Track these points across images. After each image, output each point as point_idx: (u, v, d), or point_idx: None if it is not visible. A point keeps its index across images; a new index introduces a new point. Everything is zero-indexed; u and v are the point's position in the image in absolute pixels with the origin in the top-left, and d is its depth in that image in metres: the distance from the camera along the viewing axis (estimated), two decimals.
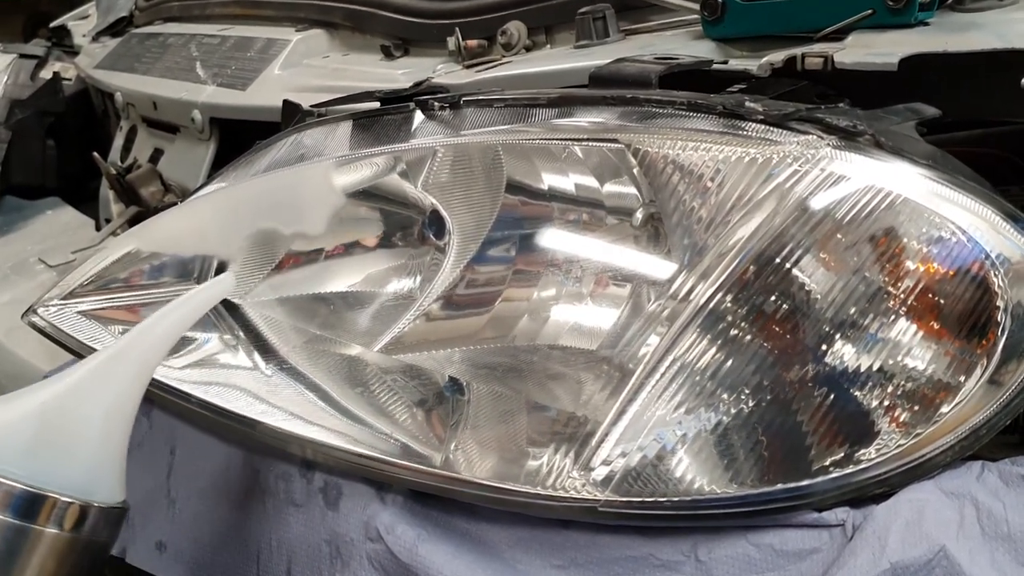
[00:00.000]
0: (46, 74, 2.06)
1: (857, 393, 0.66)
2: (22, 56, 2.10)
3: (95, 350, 0.91)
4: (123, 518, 0.69)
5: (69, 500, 0.65)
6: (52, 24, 2.41)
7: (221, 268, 0.99)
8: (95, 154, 1.59)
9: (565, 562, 0.69)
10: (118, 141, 1.72)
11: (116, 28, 2.02)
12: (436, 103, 0.85)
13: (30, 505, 0.63)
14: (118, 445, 0.68)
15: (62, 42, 2.27)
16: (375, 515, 0.74)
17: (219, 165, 1.32)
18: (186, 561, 0.87)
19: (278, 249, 0.96)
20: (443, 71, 1.16)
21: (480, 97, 0.84)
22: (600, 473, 0.68)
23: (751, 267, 0.68)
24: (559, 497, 0.68)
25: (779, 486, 0.65)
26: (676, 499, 0.66)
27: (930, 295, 0.66)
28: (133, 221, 1.51)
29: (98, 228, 1.69)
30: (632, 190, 0.76)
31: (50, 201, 1.91)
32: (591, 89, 0.84)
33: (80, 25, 2.29)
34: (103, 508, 0.67)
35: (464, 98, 0.84)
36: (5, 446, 0.64)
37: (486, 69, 1.10)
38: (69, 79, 2.05)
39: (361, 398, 0.85)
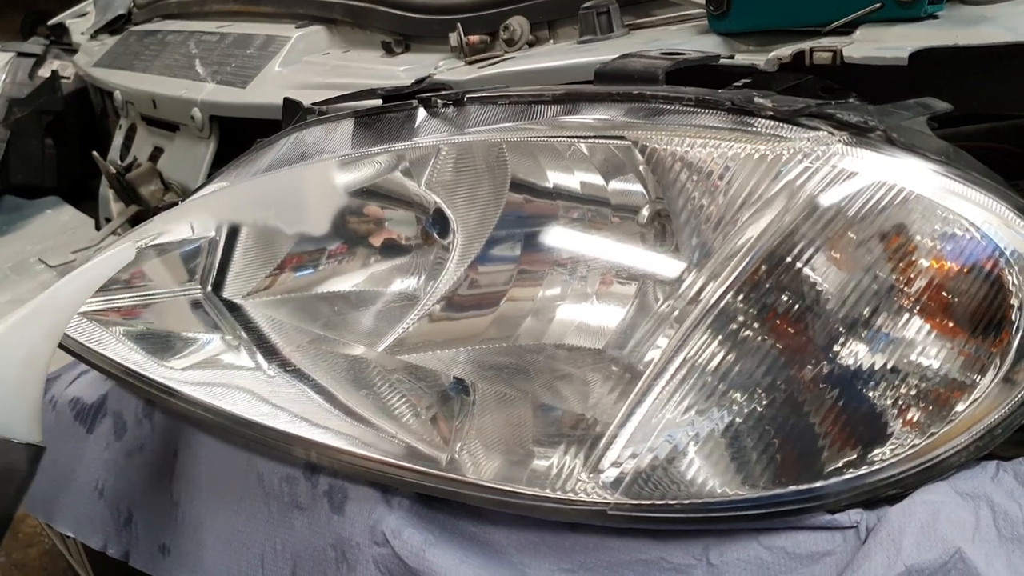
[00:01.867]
0: (44, 72, 2.05)
1: (870, 393, 0.65)
2: (20, 54, 2.09)
3: (96, 352, 0.91)
4: (39, 456, 0.76)
5: None
6: (50, 22, 2.40)
7: (223, 269, 0.98)
8: (94, 153, 1.59)
9: (574, 566, 0.68)
10: (117, 140, 1.72)
11: (115, 26, 2.01)
12: (440, 100, 0.84)
13: None
14: (34, 390, 0.76)
15: (60, 40, 2.26)
16: (381, 519, 0.73)
17: (219, 163, 1.31)
18: (190, 565, 0.86)
19: (280, 249, 0.95)
20: (445, 67, 1.15)
21: (484, 94, 0.83)
22: (610, 475, 0.67)
23: (762, 266, 0.67)
24: (568, 500, 0.68)
25: (791, 488, 0.64)
26: (687, 501, 0.65)
27: (943, 293, 0.65)
28: (133, 220, 1.50)
29: (98, 227, 1.69)
30: (638, 187, 0.75)
31: (50, 200, 1.90)
32: (597, 85, 0.83)
33: (78, 23, 2.28)
34: (20, 444, 0.75)
35: (468, 95, 0.83)
36: None
37: (489, 65, 1.09)
38: (68, 77, 2.04)
39: (366, 399, 0.84)
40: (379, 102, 0.94)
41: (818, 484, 0.64)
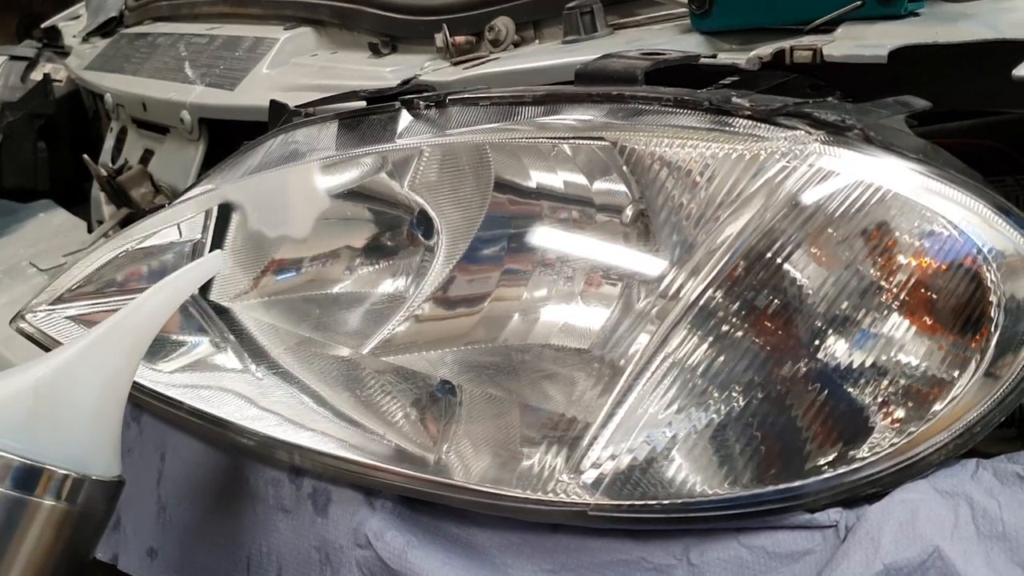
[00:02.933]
0: (36, 76, 2.05)
1: (850, 390, 0.66)
2: (12, 58, 2.09)
3: None
4: (119, 492, 0.70)
5: (65, 472, 0.66)
6: (43, 25, 2.39)
7: None
8: (85, 156, 1.59)
9: (556, 566, 0.68)
10: (109, 142, 1.72)
11: (106, 28, 2.01)
12: (421, 102, 0.84)
13: (28, 477, 0.65)
14: (112, 420, 0.69)
15: (53, 43, 2.26)
16: (364, 521, 0.73)
17: (209, 165, 1.31)
18: (177, 568, 0.87)
19: (267, 251, 0.95)
20: (431, 68, 1.15)
21: (466, 95, 0.83)
22: (590, 476, 0.68)
23: (741, 263, 0.67)
24: (549, 501, 0.68)
25: (771, 487, 0.64)
26: (667, 501, 0.66)
27: (923, 290, 0.65)
28: (124, 223, 1.50)
29: (90, 230, 1.69)
30: (622, 187, 0.75)
31: (42, 204, 1.90)
32: (577, 86, 0.83)
33: (71, 26, 2.27)
34: (99, 481, 0.68)
35: (449, 97, 0.83)
36: (1, 420, 0.66)
37: (474, 66, 1.09)
38: (60, 80, 2.04)
39: (354, 400, 0.84)
40: (363, 104, 0.94)
41: (798, 483, 0.64)
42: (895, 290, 0.65)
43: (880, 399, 0.65)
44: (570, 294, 0.77)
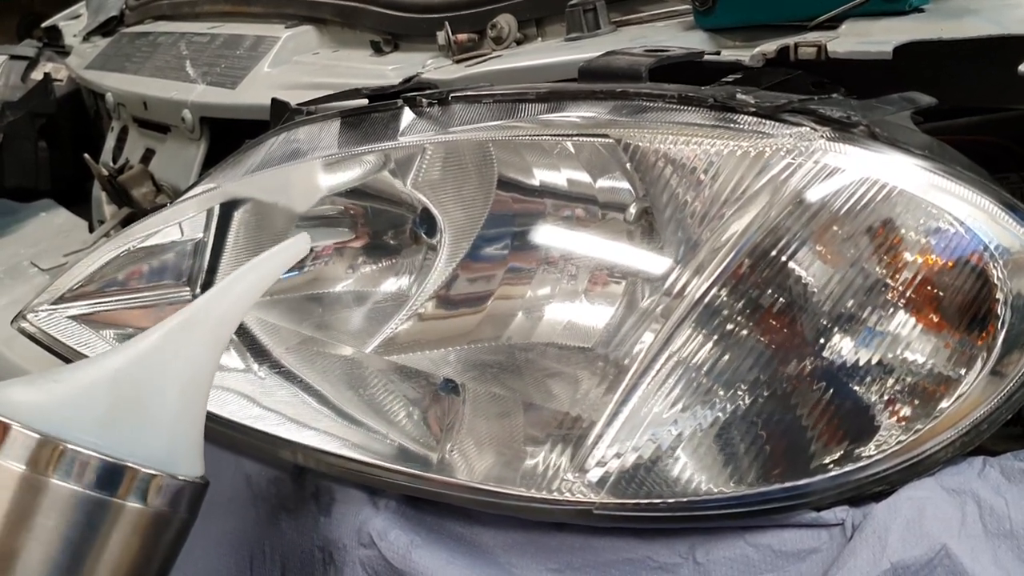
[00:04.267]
0: (37, 75, 2.05)
1: (856, 388, 0.65)
2: (12, 57, 2.09)
3: (86, 356, 0.90)
4: (203, 494, 0.65)
5: (151, 472, 0.60)
6: (44, 24, 2.39)
7: (211, 270, 0.98)
8: (86, 155, 1.58)
9: (561, 566, 0.68)
10: (110, 142, 1.71)
11: (107, 28, 2.00)
12: (424, 100, 0.84)
13: (110, 476, 0.59)
14: (196, 416, 0.64)
15: (54, 42, 2.25)
16: (367, 520, 0.73)
17: (210, 164, 1.31)
18: (180, 568, 0.86)
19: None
20: (433, 66, 1.15)
21: (468, 93, 0.83)
22: (595, 475, 0.67)
23: (746, 261, 0.67)
24: (554, 500, 0.68)
25: (777, 485, 0.64)
26: (672, 500, 0.65)
27: (929, 287, 0.65)
28: (126, 222, 1.50)
29: (91, 230, 1.68)
30: (625, 185, 0.75)
31: (43, 203, 1.90)
32: (581, 83, 0.82)
33: (71, 25, 2.27)
34: (185, 482, 0.63)
35: (452, 94, 0.83)
36: (78, 415, 0.60)
37: (476, 63, 1.09)
38: (60, 80, 2.04)
39: (357, 399, 0.84)
40: (365, 102, 0.94)
41: (804, 481, 0.64)
42: (901, 287, 0.65)
43: (886, 397, 0.65)
44: (574, 292, 0.77)
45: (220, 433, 0.84)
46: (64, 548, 0.58)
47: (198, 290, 0.97)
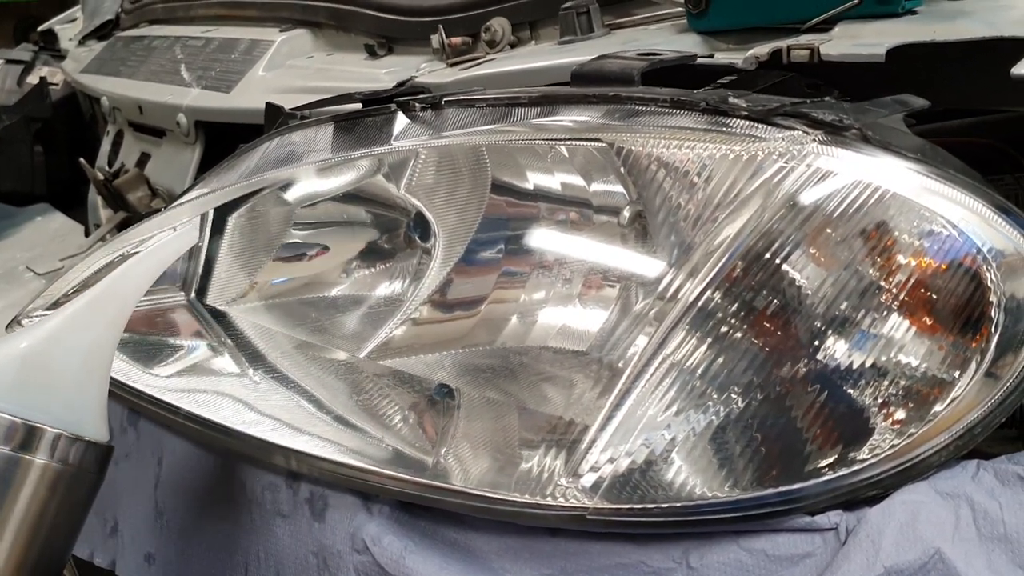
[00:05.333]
0: (33, 79, 2.05)
1: (850, 391, 0.65)
2: (8, 62, 2.09)
3: None
4: (109, 457, 0.72)
5: (58, 431, 0.68)
6: (40, 28, 2.39)
7: (206, 274, 0.98)
8: (81, 160, 1.58)
9: (555, 571, 0.68)
10: (105, 146, 1.71)
11: (102, 32, 2.00)
12: (417, 104, 0.84)
13: (21, 436, 0.67)
14: (99, 385, 0.71)
15: (49, 46, 2.25)
16: (361, 526, 0.72)
17: (205, 168, 1.31)
18: (175, 574, 0.86)
19: (264, 254, 0.95)
20: (427, 70, 1.15)
21: (462, 97, 0.83)
22: (589, 479, 0.67)
23: (739, 264, 0.66)
24: (547, 505, 0.67)
25: (771, 490, 0.64)
26: (666, 505, 0.65)
27: (922, 290, 0.65)
28: (121, 226, 1.50)
29: (87, 234, 1.68)
30: (619, 189, 0.75)
31: (39, 207, 1.90)
32: (573, 87, 0.82)
33: (67, 29, 2.27)
34: (91, 443, 0.70)
35: (446, 98, 0.83)
36: None
37: (470, 67, 1.09)
38: (56, 84, 2.04)
39: (352, 403, 0.84)
40: (359, 106, 0.94)
41: (798, 486, 0.64)
42: (894, 290, 0.65)
43: (880, 400, 0.65)
44: (568, 296, 0.77)
45: (214, 439, 0.84)
46: None
47: (192, 294, 0.97)
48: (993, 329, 0.63)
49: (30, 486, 0.67)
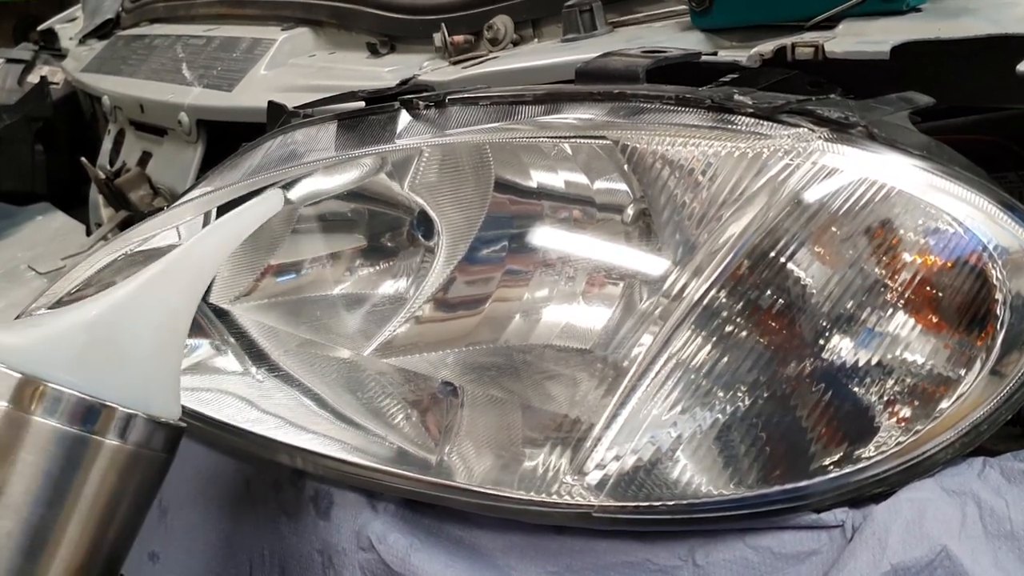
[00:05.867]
0: (33, 78, 2.05)
1: (856, 389, 0.65)
2: (9, 61, 2.09)
3: None
4: (180, 438, 0.68)
5: (129, 411, 0.63)
6: (40, 27, 2.39)
7: None
8: (83, 159, 1.58)
9: (560, 568, 0.68)
10: (106, 145, 1.71)
11: (103, 30, 2.00)
12: (421, 102, 0.84)
13: (89, 414, 0.62)
14: (172, 360, 0.67)
15: (50, 45, 2.25)
16: (366, 524, 0.72)
17: (207, 167, 1.31)
18: (179, 572, 0.86)
19: (266, 253, 0.95)
20: (429, 68, 1.14)
21: (465, 95, 0.83)
22: (594, 477, 0.67)
23: (745, 262, 0.66)
24: (553, 503, 0.67)
25: (777, 487, 0.64)
26: (672, 503, 0.65)
27: (928, 288, 0.64)
28: (123, 225, 1.50)
29: (89, 233, 1.68)
30: (623, 186, 0.74)
31: (40, 207, 1.90)
32: (578, 85, 0.82)
33: (67, 28, 2.27)
34: (162, 423, 0.65)
35: (449, 96, 0.83)
36: (55, 355, 0.63)
37: (473, 65, 1.09)
38: (57, 83, 2.03)
39: (356, 401, 0.84)
40: (362, 105, 0.94)
41: (804, 483, 0.64)
42: (900, 288, 0.65)
43: (886, 398, 0.65)
44: (572, 294, 0.77)
45: (219, 437, 0.84)
46: (46, 482, 0.61)
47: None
48: (999, 326, 0.63)
49: (100, 469, 0.62)
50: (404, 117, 0.85)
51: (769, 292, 0.66)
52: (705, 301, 0.67)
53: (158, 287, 0.66)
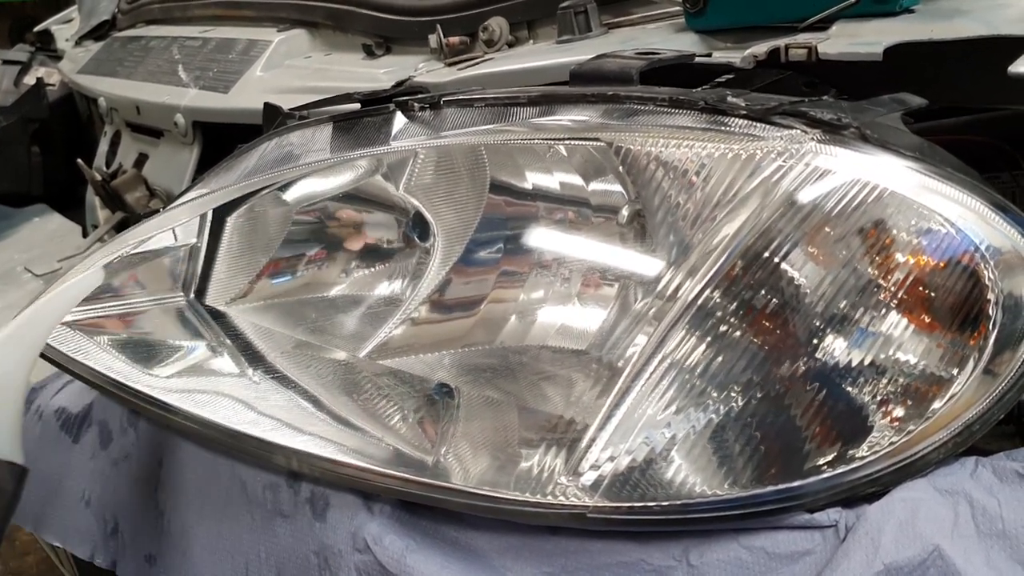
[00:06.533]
0: (30, 80, 2.05)
1: (849, 389, 0.65)
2: (5, 62, 2.09)
3: (79, 362, 0.90)
4: (24, 478, 0.76)
5: None
6: (36, 28, 2.39)
7: (205, 275, 0.98)
8: (79, 160, 1.58)
9: (555, 569, 0.68)
10: (103, 146, 1.71)
11: (99, 32, 2.00)
12: (416, 104, 0.84)
13: None
14: (12, 414, 0.76)
15: (46, 47, 2.25)
16: (362, 525, 0.73)
17: (203, 169, 1.31)
18: (176, 574, 0.86)
19: (263, 255, 0.95)
20: (425, 69, 1.15)
21: (460, 97, 0.83)
22: (589, 478, 0.67)
23: (738, 263, 0.67)
24: (548, 504, 0.68)
25: (770, 487, 0.64)
26: (666, 503, 0.65)
27: (920, 288, 0.65)
28: (119, 227, 1.50)
29: (85, 235, 1.68)
30: (618, 188, 0.75)
31: (37, 208, 1.89)
32: (572, 87, 0.82)
33: (64, 29, 2.27)
34: (5, 462, 0.74)
35: (444, 98, 0.83)
36: None
37: (468, 67, 1.09)
38: (53, 84, 2.03)
39: (353, 403, 0.84)
40: (358, 106, 0.94)
41: (797, 483, 0.64)
42: (893, 288, 0.65)
43: (879, 398, 0.65)
44: (567, 295, 0.77)
45: (215, 439, 0.84)
46: None
47: (192, 295, 0.97)
48: (991, 326, 0.63)
49: None
50: (399, 119, 0.85)
51: (763, 292, 0.67)
52: (699, 301, 0.67)
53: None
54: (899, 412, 0.65)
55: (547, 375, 0.77)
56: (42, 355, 0.94)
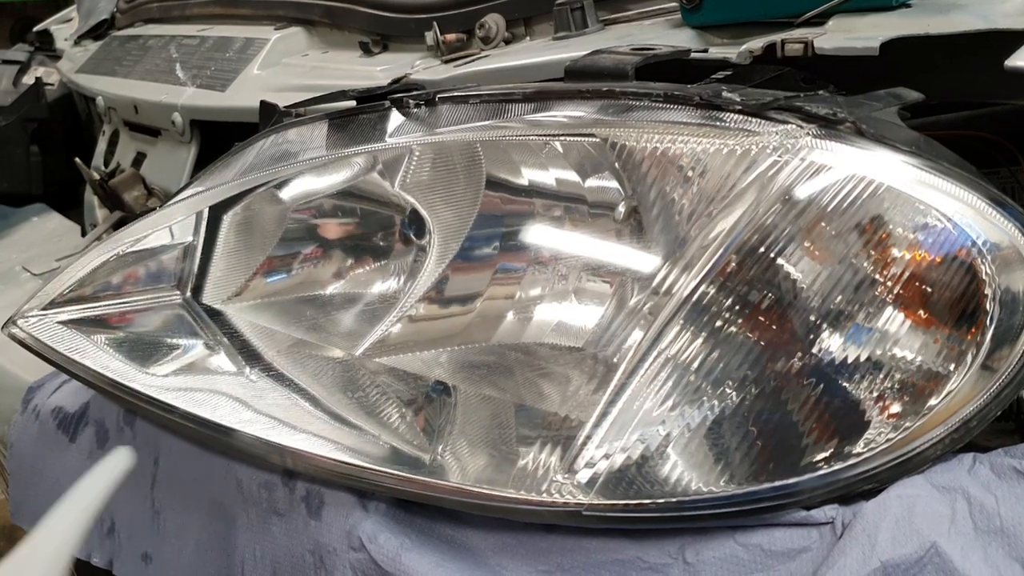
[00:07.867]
0: (29, 80, 2.05)
1: (845, 385, 0.65)
2: (4, 62, 2.09)
3: (76, 361, 0.90)
4: None
5: None
6: (35, 28, 2.39)
7: (201, 273, 0.98)
8: (77, 159, 1.58)
9: (551, 567, 0.68)
10: (101, 145, 1.71)
11: (98, 31, 2.00)
12: (411, 101, 0.84)
13: None
14: None
15: (45, 47, 2.25)
16: (357, 524, 0.72)
17: (201, 167, 1.31)
18: (171, 573, 0.86)
19: (259, 253, 0.95)
20: (421, 67, 1.15)
21: (456, 94, 0.83)
22: (584, 475, 0.67)
23: (734, 258, 0.66)
24: (543, 502, 0.67)
25: (767, 484, 0.64)
26: (662, 500, 0.65)
27: (917, 283, 0.64)
28: (117, 226, 1.50)
29: (84, 234, 1.68)
30: (613, 184, 0.74)
31: (36, 208, 1.90)
32: (568, 83, 0.82)
33: (63, 29, 2.27)
34: None
35: (439, 95, 0.83)
36: None
37: (465, 64, 1.09)
38: (52, 84, 2.03)
39: (349, 401, 0.84)
40: (353, 104, 0.94)
41: (794, 480, 0.64)
42: (889, 284, 0.65)
43: (876, 394, 0.65)
44: (563, 292, 0.77)
45: (211, 438, 0.83)
46: None
47: (188, 293, 0.97)
48: (988, 322, 0.63)
49: None
50: (395, 116, 0.85)
51: (759, 288, 0.66)
52: (695, 297, 0.67)
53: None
54: (896, 408, 0.64)
55: (543, 372, 0.77)
56: (39, 355, 0.95)
